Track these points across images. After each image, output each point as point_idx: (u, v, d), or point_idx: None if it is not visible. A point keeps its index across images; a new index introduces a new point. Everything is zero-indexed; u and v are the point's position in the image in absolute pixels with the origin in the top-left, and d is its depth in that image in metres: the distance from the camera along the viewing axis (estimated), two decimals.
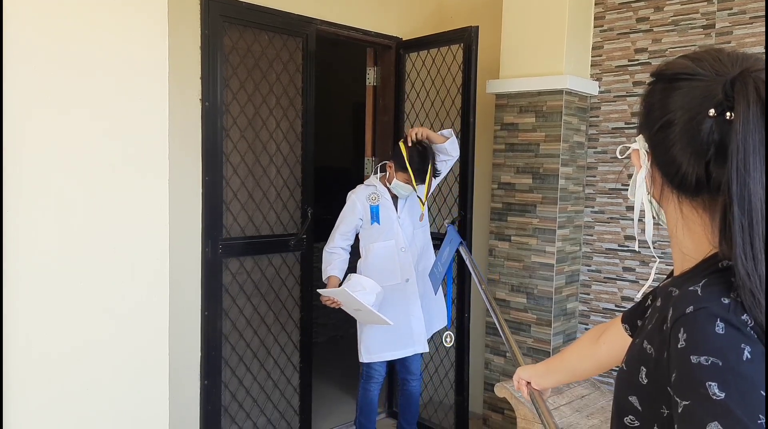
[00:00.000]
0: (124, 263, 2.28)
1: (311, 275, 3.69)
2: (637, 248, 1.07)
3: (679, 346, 0.80)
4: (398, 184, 3.22)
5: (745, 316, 0.79)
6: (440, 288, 3.27)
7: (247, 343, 3.41)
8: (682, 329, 0.81)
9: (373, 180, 3.37)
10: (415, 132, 3.22)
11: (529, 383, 1.55)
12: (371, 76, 4.24)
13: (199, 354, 3.20)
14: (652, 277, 0.96)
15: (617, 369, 1.02)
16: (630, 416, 0.93)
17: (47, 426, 2.12)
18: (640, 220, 0.99)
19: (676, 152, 0.88)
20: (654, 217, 0.99)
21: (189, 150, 3.10)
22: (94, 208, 2.19)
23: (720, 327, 0.78)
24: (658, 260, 0.97)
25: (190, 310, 3.16)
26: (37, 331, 2.08)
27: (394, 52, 4.10)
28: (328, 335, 5.64)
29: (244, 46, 3.29)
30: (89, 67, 2.15)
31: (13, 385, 2.02)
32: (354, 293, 2.97)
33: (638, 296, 0.97)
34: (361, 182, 3.44)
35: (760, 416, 0.72)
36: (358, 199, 3.29)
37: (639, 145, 0.95)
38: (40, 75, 2.04)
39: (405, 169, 3.18)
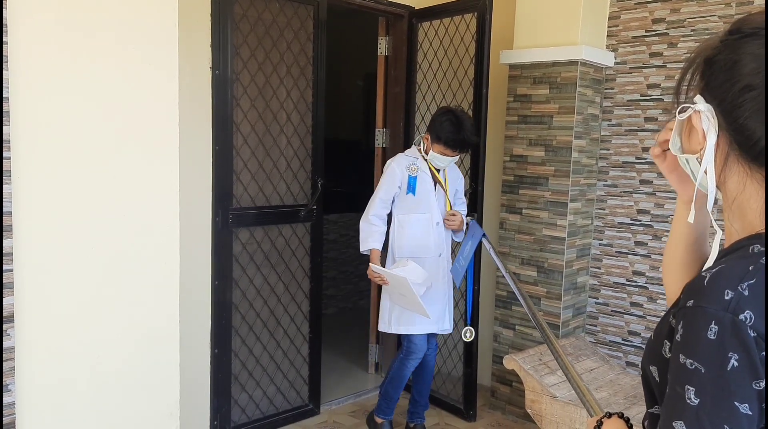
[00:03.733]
0: (135, 232, 2.28)
1: (321, 246, 3.69)
2: (691, 220, 0.96)
3: (676, 337, 0.80)
4: (435, 156, 3.20)
5: (746, 314, 0.75)
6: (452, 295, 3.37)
7: (257, 312, 3.43)
8: (682, 322, 0.80)
9: (414, 151, 3.33)
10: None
11: None
12: (383, 46, 4.19)
13: (210, 323, 3.22)
14: (716, 247, 0.89)
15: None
16: (653, 384, 0.93)
17: (58, 395, 2.14)
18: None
19: (756, 120, 0.80)
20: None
21: (199, 119, 3.08)
22: (104, 177, 2.19)
23: (712, 331, 0.76)
24: (721, 232, 0.88)
25: (200, 280, 3.17)
26: (45, 300, 2.09)
27: (406, 22, 4.03)
28: (338, 307, 5.66)
29: (255, 13, 3.24)
30: (97, 32, 2.13)
31: (23, 354, 2.04)
32: (412, 283, 2.99)
33: (706, 267, 0.89)
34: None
35: (725, 426, 0.74)
36: (398, 167, 3.26)
37: (702, 106, 0.86)
38: (48, 41, 2.02)
39: (440, 140, 3.15)
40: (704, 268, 0.86)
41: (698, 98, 0.88)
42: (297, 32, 3.43)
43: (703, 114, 0.86)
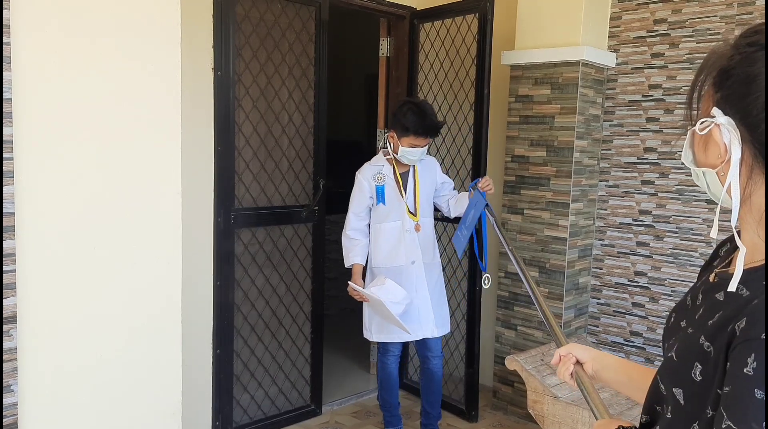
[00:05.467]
0: (137, 232, 2.28)
1: (323, 247, 3.69)
2: (714, 234, 0.93)
3: (745, 370, 0.75)
4: (406, 151, 3.15)
5: None
6: (445, 294, 3.38)
7: (258, 313, 3.43)
8: (753, 355, 0.75)
9: (380, 159, 3.30)
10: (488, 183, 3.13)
11: (578, 363, 1.29)
12: (384, 47, 4.19)
13: (212, 323, 3.23)
14: (740, 266, 0.85)
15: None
16: (666, 405, 0.90)
17: (60, 395, 2.15)
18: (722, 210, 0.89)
19: None
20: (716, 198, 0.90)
21: (201, 120, 3.09)
22: (107, 177, 2.19)
23: None
24: (745, 250, 0.85)
25: (202, 280, 3.17)
26: (48, 301, 2.09)
27: (407, 23, 4.04)
28: (340, 307, 5.66)
29: (257, 14, 3.25)
30: (100, 34, 2.13)
31: (26, 354, 2.04)
32: (388, 303, 3.02)
33: (731, 287, 0.85)
34: (374, 154, 3.41)
35: None
36: (364, 178, 3.24)
37: (722, 119, 0.84)
38: (52, 42, 2.03)
39: (408, 131, 3.11)
40: (730, 285, 0.83)
41: (716, 111, 0.85)
42: (299, 33, 3.43)
43: (724, 127, 0.84)
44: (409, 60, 4.05)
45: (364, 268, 3.31)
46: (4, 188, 1.93)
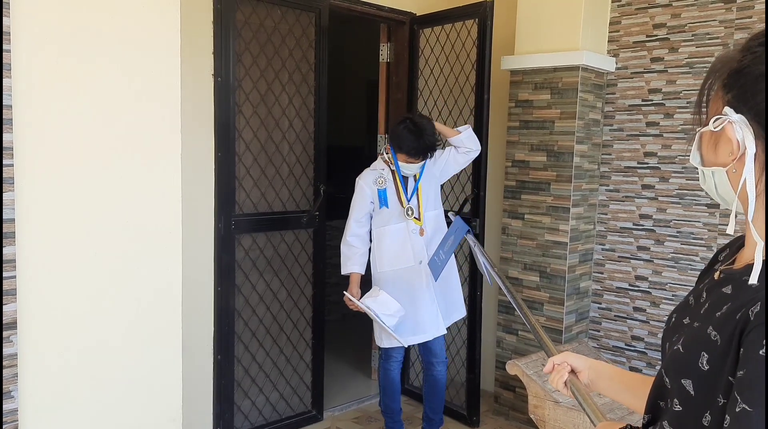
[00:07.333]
0: (137, 239, 2.29)
1: (324, 252, 3.69)
2: (730, 231, 0.93)
3: (761, 352, 0.77)
4: (401, 165, 3.21)
5: None
6: (457, 277, 3.40)
7: (259, 319, 3.43)
8: None
9: (380, 163, 3.32)
10: None
11: (572, 372, 1.28)
12: (384, 52, 4.20)
13: (213, 329, 3.23)
14: (760, 258, 0.85)
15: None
16: (675, 399, 0.90)
17: (61, 401, 2.15)
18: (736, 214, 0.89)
19: None
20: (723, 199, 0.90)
21: (201, 126, 3.09)
22: (106, 184, 2.20)
23: None
24: (763, 243, 0.85)
25: (203, 286, 3.17)
26: (48, 307, 2.10)
27: (407, 28, 4.05)
28: (341, 312, 5.66)
29: (257, 20, 3.26)
30: (100, 39, 2.14)
31: (27, 360, 2.04)
32: (381, 315, 3.06)
33: (753, 279, 0.84)
34: (375, 160, 3.41)
35: None
36: (365, 184, 3.25)
37: (734, 116, 0.85)
38: (52, 48, 2.03)
39: (401, 150, 3.16)
40: (752, 278, 0.84)
41: (728, 110, 0.86)
42: (299, 39, 3.44)
43: (737, 124, 0.85)
44: (409, 65, 4.06)
45: (363, 278, 3.31)
46: (5, 194, 1.94)
